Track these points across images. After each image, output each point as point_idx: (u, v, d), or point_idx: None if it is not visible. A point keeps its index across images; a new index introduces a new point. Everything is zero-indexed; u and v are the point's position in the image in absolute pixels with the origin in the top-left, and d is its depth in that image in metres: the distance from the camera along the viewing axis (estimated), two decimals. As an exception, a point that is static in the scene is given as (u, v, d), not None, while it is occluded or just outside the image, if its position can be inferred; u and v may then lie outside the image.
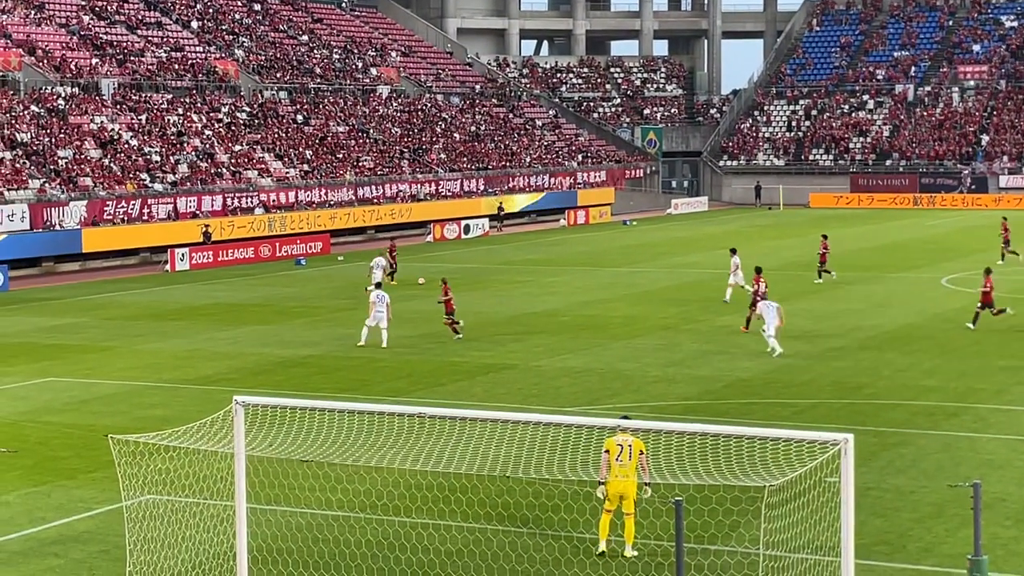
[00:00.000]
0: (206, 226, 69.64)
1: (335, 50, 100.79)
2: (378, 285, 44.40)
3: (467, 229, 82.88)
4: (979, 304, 41.14)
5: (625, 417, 20.72)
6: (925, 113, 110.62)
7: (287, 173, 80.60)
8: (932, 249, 67.55)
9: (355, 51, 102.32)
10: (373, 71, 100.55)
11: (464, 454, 20.84)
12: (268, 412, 19.65)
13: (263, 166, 79.97)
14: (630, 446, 19.79)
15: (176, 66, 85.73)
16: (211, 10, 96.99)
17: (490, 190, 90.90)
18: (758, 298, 39.42)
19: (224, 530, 20.00)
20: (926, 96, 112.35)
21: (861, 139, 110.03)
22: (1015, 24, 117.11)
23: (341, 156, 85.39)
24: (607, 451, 19.97)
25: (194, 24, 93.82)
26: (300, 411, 19.62)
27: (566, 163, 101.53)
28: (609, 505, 20.18)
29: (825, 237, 55.53)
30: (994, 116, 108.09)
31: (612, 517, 20.22)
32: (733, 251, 48.38)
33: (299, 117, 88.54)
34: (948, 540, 20.87)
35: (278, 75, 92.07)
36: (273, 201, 76.93)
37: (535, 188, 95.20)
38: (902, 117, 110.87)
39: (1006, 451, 26.47)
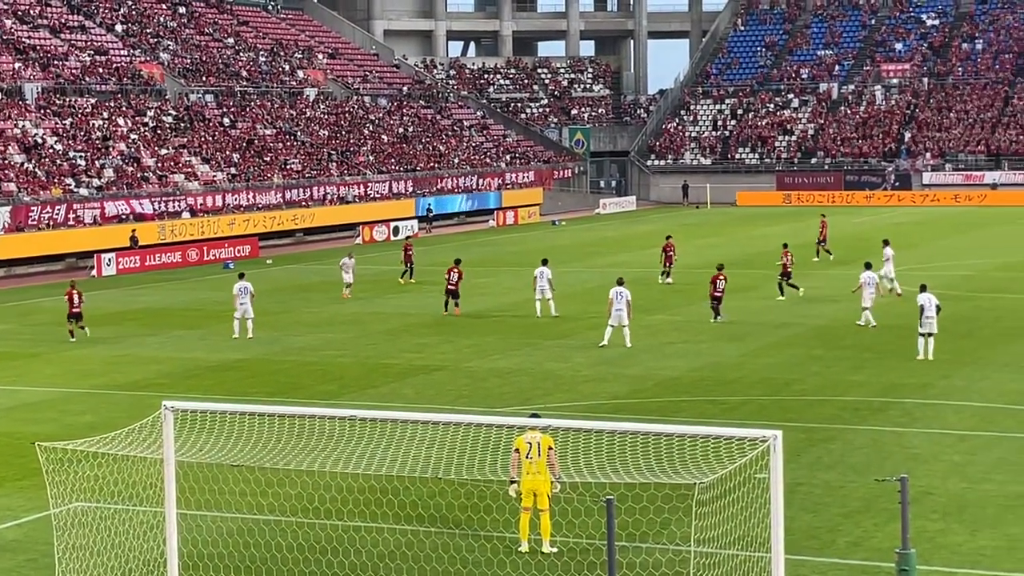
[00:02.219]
0: (133, 231, 69.11)
1: (261, 53, 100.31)
2: (242, 276, 44.37)
3: (396, 231, 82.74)
4: (780, 275, 48.14)
5: (534, 415, 20.83)
6: (849, 111, 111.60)
7: (214, 177, 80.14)
8: (857, 246, 68.13)
9: (281, 53, 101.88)
10: (300, 73, 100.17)
11: (395, 456, 20.83)
12: (197, 417, 19.53)
13: (190, 170, 79.46)
14: (538, 443, 19.90)
15: (100, 70, 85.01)
16: (135, 13, 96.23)
17: (419, 191, 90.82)
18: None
19: (154, 536, 19.87)
20: (850, 94, 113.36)
21: (786, 138, 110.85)
22: (936, 22, 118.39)
23: (268, 159, 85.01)
24: (517, 450, 20.09)
25: (118, 27, 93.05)
26: (230, 415, 19.51)
27: (494, 164, 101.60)
28: (526, 503, 20.28)
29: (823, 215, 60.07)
30: (917, 114, 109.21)
31: (531, 515, 20.32)
32: (886, 242, 49.86)
33: (226, 120, 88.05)
34: (876, 534, 21.08)
35: (204, 78, 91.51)
36: (200, 205, 76.47)
37: (464, 189, 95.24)
38: (826, 115, 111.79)
39: (932, 445, 26.76)
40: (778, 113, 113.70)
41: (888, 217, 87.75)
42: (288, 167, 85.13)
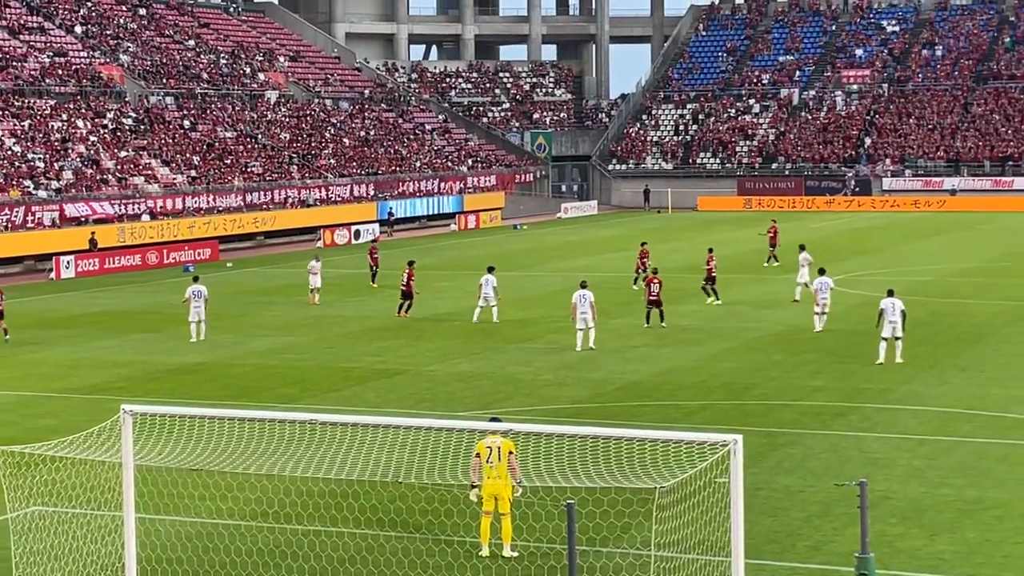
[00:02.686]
0: (92, 233, 68.76)
1: (222, 55, 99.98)
2: (196, 279, 44.23)
3: (357, 234, 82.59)
4: (704, 280, 48.60)
5: (494, 419, 20.84)
6: (810, 117, 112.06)
7: (174, 179, 79.83)
8: (818, 251, 68.33)
9: (242, 56, 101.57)
10: (261, 76, 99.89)
11: (356, 460, 20.78)
12: (157, 420, 19.45)
13: (150, 172, 79.11)
14: (499, 447, 19.90)
15: (60, 71, 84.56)
16: (95, 15, 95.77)
17: (380, 195, 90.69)
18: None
19: (112, 541, 19.76)
20: (810, 100, 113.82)
21: (747, 143, 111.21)
22: (896, 29, 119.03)
23: (229, 162, 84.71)
24: (478, 454, 20.08)
25: (78, 29, 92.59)
26: (189, 419, 19.44)
27: (456, 168, 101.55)
28: (487, 507, 20.28)
29: (775, 222, 59.16)
30: (877, 119, 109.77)
31: (492, 520, 20.32)
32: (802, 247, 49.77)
33: (186, 123, 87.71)
34: (836, 538, 21.16)
35: (164, 80, 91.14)
36: (160, 208, 76.14)
37: (425, 193, 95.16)
38: (787, 121, 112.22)
39: (891, 450, 26.88)
40: (739, 118, 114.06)
41: (848, 222, 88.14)
42: (249, 170, 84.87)
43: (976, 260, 62.47)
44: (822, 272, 42.56)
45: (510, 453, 19.94)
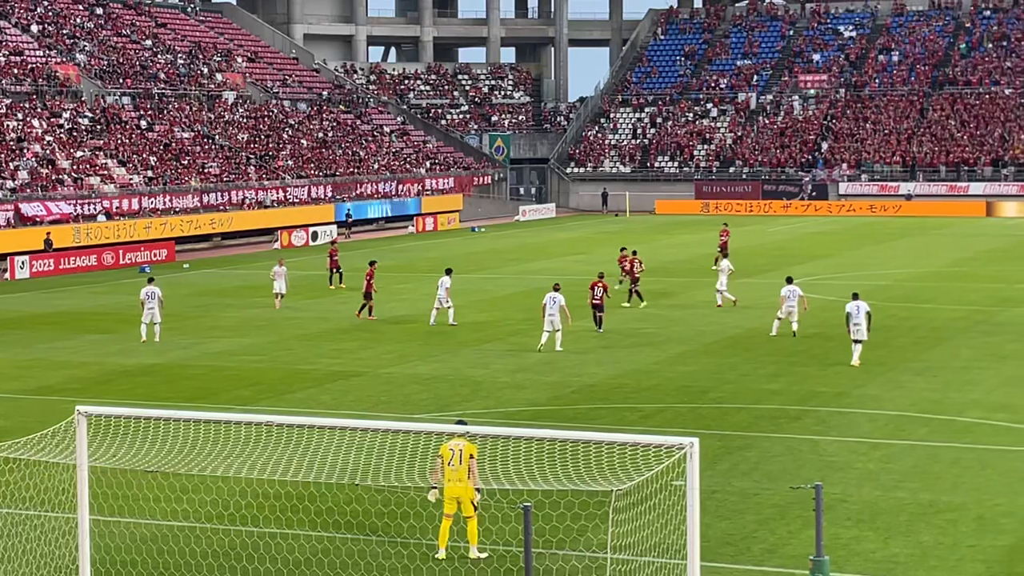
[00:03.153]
0: (47, 233, 68.34)
1: (179, 55, 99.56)
2: (151, 280, 43.97)
3: (315, 236, 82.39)
4: (631, 283, 48.55)
5: (461, 422, 20.83)
6: (767, 121, 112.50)
7: (131, 180, 79.43)
8: (774, 255, 68.69)
9: (200, 56, 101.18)
10: (219, 76, 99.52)
11: (312, 462, 20.72)
12: (112, 422, 19.34)
13: (106, 172, 78.70)
14: (461, 451, 19.90)
15: (15, 70, 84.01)
16: (51, 14, 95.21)
17: (338, 196, 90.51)
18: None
19: (66, 543, 19.64)
20: (768, 104, 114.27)
21: (705, 147, 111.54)
22: (853, 34, 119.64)
23: (186, 162, 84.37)
24: (440, 456, 20.08)
25: (34, 28, 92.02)
26: (144, 421, 19.34)
27: (414, 170, 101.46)
28: (448, 510, 20.28)
29: (725, 224, 58.38)
30: (834, 124, 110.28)
31: (452, 523, 20.31)
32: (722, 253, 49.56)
33: (143, 123, 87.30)
34: (791, 541, 21.24)
35: (121, 80, 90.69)
36: (116, 208, 75.75)
37: (383, 195, 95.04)
38: (745, 125, 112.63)
39: (846, 453, 27.00)
40: (697, 122, 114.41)
41: (805, 227, 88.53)
42: (206, 171, 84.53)
43: (932, 265, 62.85)
44: (790, 280, 42.39)
45: (471, 457, 19.94)
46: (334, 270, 56.54)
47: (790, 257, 67.03)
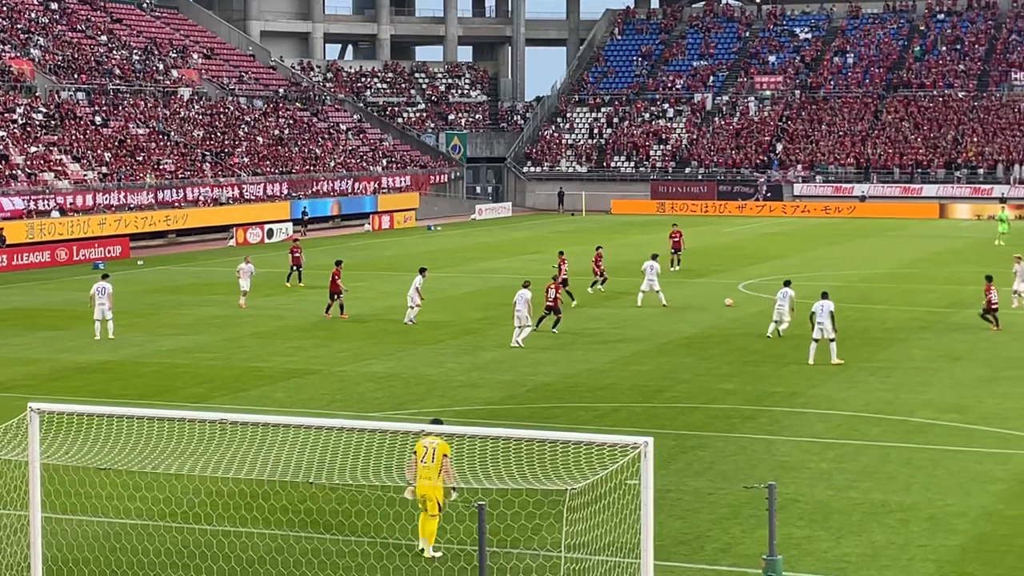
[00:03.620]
0: (0, 229, 67.86)
1: (135, 51, 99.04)
2: (104, 276, 43.68)
3: (270, 233, 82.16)
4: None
5: (436, 421, 20.82)
6: (723, 122, 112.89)
7: (85, 176, 78.97)
8: (729, 255, 68.93)
9: (156, 52, 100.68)
10: (174, 73, 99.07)
11: (266, 460, 20.67)
12: (64, 419, 19.24)
13: (60, 168, 78.22)
14: (434, 449, 19.89)
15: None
16: (6, 8, 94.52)
17: (294, 194, 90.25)
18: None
19: (18, 540, 19.51)
20: (724, 105, 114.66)
21: (661, 147, 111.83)
22: (809, 36, 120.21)
23: (141, 159, 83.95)
24: (415, 452, 20.07)
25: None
26: (97, 418, 19.23)
27: (370, 168, 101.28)
28: (423, 506, 20.28)
29: (675, 225, 58.94)
30: (789, 126, 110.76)
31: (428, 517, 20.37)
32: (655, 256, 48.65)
33: (97, 118, 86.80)
34: (744, 540, 21.33)
35: (76, 75, 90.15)
36: (71, 204, 75.30)
37: (339, 193, 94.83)
38: (701, 126, 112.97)
39: (800, 453, 27.14)
40: (653, 122, 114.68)
41: (759, 227, 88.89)
42: (161, 167, 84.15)
43: (886, 266, 63.19)
44: (787, 284, 41.96)
45: (444, 456, 19.93)
46: (294, 267, 56.36)
47: (744, 258, 67.28)
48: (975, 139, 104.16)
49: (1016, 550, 20.99)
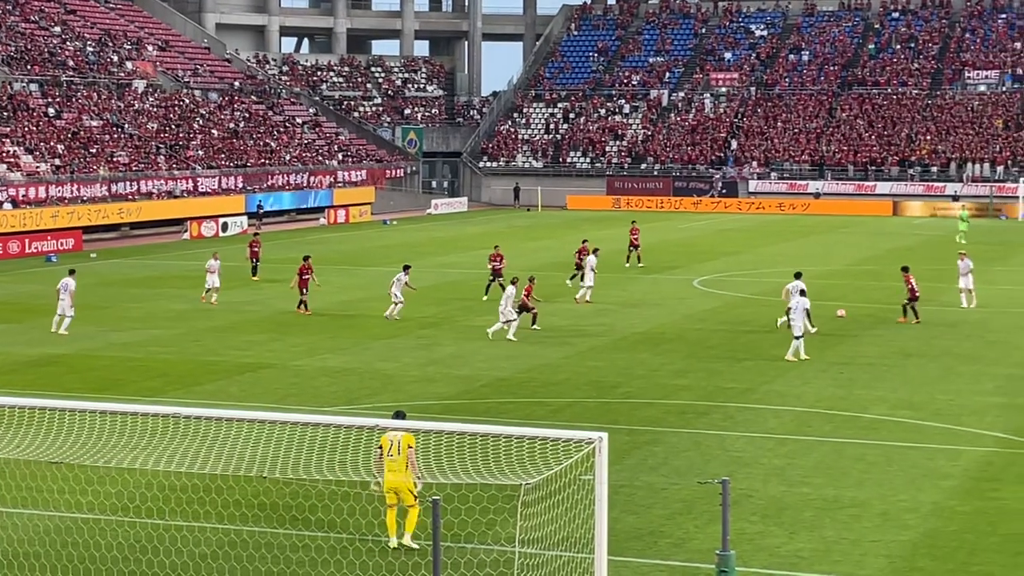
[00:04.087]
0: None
1: (89, 42, 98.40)
2: (71, 272, 43.31)
3: (225, 227, 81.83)
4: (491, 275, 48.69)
5: (399, 414, 20.85)
6: (679, 118, 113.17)
7: (37, 168, 78.44)
8: (684, 251, 69.12)
9: (110, 44, 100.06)
10: (129, 65, 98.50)
11: (220, 454, 20.61)
12: (16, 412, 19.11)
13: (12, 160, 77.65)
14: (399, 441, 19.95)
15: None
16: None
17: (249, 188, 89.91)
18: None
19: (-32, 535, 19.40)
20: (680, 101, 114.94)
21: (617, 143, 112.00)
22: (765, 33, 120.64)
23: (95, 151, 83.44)
24: (380, 447, 20.09)
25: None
26: (49, 411, 19.12)
27: (326, 162, 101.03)
28: (390, 500, 20.32)
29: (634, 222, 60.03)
30: (744, 122, 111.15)
31: (396, 512, 20.36)
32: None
33: (51, 110, 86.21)
34: (698, 535, 21.40)
35: (29, 67, 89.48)
36: (23, 196, 74.76)
37: (295, 186, 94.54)
38: (657, 122, 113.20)
39: (753, 449, 27.25)
40: (609, 118, 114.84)
41: (715, 223, 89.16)
42: (115, 159, 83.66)
43: (840, 263, 63.49)
44: (798, 276, 41.67)
45: (409, 448, 19.99)
46: (254, 261, 56.16)
47: (699, 254, 67.48)
48: (928, 137, 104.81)
49: (967, 546, 21.16)
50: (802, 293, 38.19)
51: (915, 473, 25.37)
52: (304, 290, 46.25)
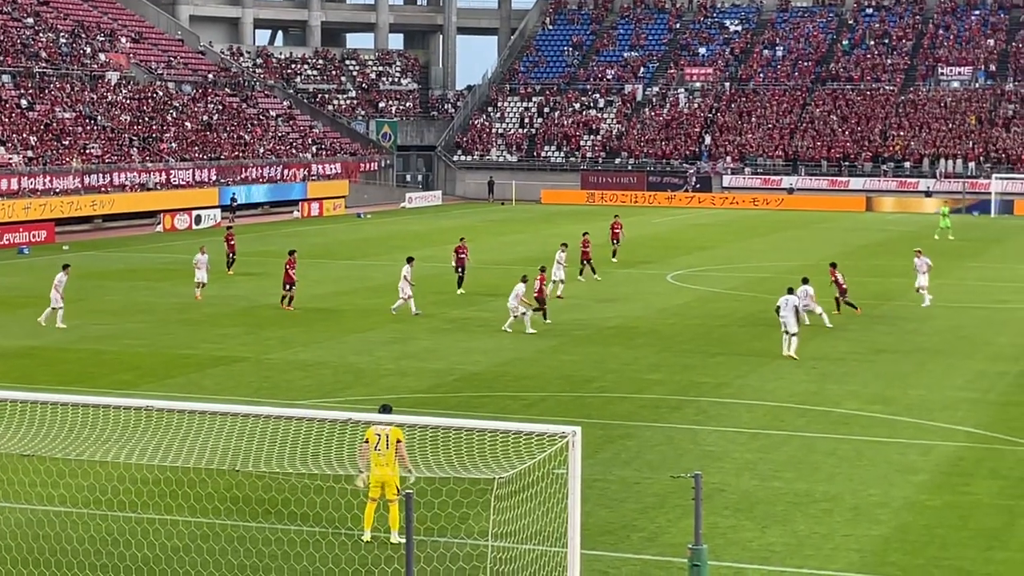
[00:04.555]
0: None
1: (62, 34, 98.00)
2: (64, 267, 43.07)
3: (198, 219, 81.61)
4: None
5: (385, 407, 20.87)
6: (653, 113, 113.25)
7: (10, 159, 78.08)
8: (658, 246, 69.21)
9: (83, 35, 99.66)
10: (102, 56, 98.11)
11: (193, 448, 20.56)
12: (-13, 405, 19.04)
13: (-16, 151, 77.32)
14: (387, 436, 19.93)
15: None
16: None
17: (223, 180, 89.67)
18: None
19: (-61, 528, 19.33)
20: (654, 96, 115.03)
21: (592, 137, 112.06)
22: (739, 28, 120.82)
23: (67, 143, 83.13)
24: (367, 441, 20.08)
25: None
26: (21, 404, 19.05)
27: (300, 155, 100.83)
28: (373, 494, 20.29)
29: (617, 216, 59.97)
30: (718, 117, 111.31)
31: (377, 506, 20.34)
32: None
33: (23, 102, 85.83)
34: (670, 529, 21.45)
35: (1, 58, 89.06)
36: (-5, 188, 74.45)
37: (269, 179, 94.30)
38: (631, 116, 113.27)
39: (725, 443, 27.32)
40: (584, 112, 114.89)
41: (688, 218, 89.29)
42: (88, 152, 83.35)
43: (813, 258, 63.56)
44: (805, 281, 41.96)
45: (398, 442, 19.99)
46: (231, 255, 56.04)
47: (673, 249, 67.59)
48: (902, 133, 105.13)
49: (937, 540, 21.25)
50: (789, 291, 38.12)
51: (887, 468, 25.47)
52: (288, 285, 45.89)
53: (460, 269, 49.95)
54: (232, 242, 56.23)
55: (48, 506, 21.58)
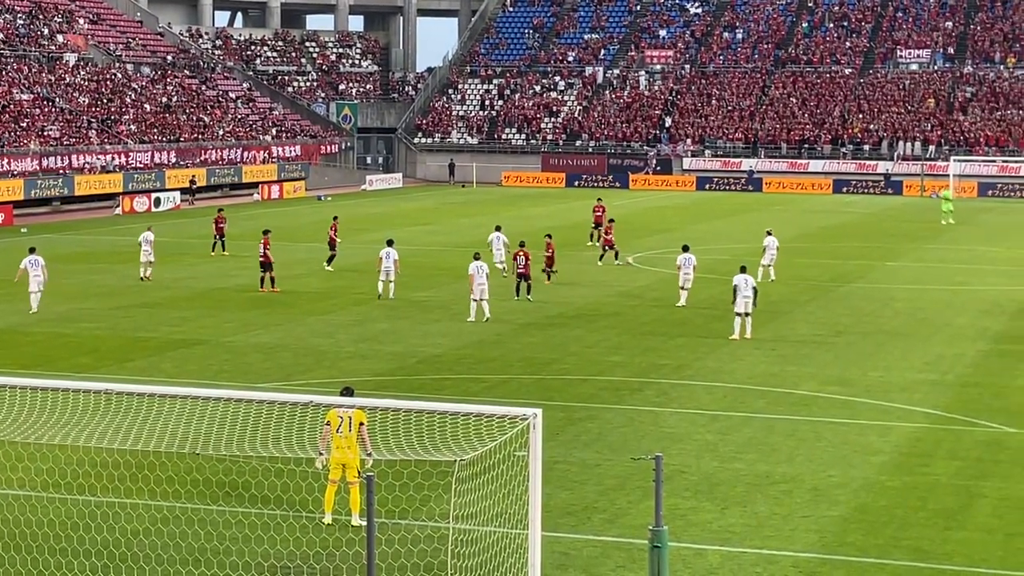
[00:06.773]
0: None
1: (19, 15, 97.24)
2: (31, 250, 42.71)
3: (157, 202, 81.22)
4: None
5: (347, 390, 20.84)
6: (613, 95, 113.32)
7: (-33, 141, 77.53)
8: (618, 228, 69.22)
9: (40, 17, 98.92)
10: (60, 38, 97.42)
11: (152, 431, 20.50)
12: (-55, 389, 18.92)
13: (-59, 133, 76.71)
14: (350, 417, 19.95)
15: None
16: None
17: (182, 163, 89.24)
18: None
19: None
20: (615, 79, 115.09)
21: (552, 119, 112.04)
22: (699, 11, 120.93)
23: (25, 125, 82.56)
24: (328, 423, 20.06)
25: None
26: (-21, 388, 18.93)
27: (260, 137, 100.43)
28: (334, 476, 20.28)
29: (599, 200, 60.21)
30: (678, 100, 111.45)
31: (337, 488, 20.33)
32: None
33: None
34: (631, 511, 21.52)
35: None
36: (-48, 170, 73.93)
37: (228, 162, 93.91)
38: (592, 99, 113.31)
39: (686, 425, 27.42)
40: (544, 95, 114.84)
41: (649, 200, 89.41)
42: (46, 134, 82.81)
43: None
44: (686, 248, 42.69)
45: (361, 424, 19.98)
46: (218, 237, 55.93)
47: (633, 230, 67.63)
48: (861, 115, 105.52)
49: (896, 520, 21.39)
50: (742, 270, 38.30)
51: (846, 449, 25.62)
52: (265, 266, 45.51)
53: (332, 247, 51.39)
54: (222, 225, 56.11)
55: (7, 490, 21.47)
